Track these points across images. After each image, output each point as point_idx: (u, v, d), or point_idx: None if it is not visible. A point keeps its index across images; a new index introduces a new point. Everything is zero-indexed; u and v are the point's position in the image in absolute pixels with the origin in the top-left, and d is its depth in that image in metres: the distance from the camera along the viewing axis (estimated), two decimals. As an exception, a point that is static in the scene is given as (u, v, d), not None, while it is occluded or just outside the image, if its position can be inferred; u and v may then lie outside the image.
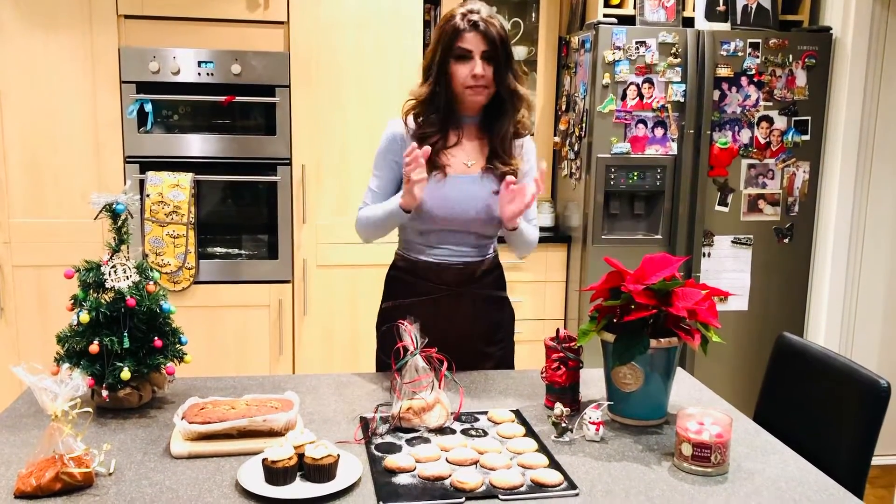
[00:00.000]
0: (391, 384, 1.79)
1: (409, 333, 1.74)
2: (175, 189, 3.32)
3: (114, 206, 1.75)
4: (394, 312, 2.13)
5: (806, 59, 3.54)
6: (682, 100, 3.49)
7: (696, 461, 1.52)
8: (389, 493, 1.41)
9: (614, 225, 3.61)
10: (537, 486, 1.45)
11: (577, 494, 1.43)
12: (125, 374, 1.70)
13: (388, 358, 2.14)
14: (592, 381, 1.97)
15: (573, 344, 1.82)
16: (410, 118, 2.07)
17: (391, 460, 1.51)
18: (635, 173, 3.52)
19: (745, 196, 3.62)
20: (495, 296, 2.17)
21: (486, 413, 1.79)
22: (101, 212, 1.76)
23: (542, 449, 1.61)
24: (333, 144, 3.49)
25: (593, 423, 1.66)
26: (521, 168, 2.08)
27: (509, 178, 1.96)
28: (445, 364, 1.76)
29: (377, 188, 2.10)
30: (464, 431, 1.68)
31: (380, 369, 2.17)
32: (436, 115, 2.03)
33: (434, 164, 2.02)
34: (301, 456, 1.43)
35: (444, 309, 2.08)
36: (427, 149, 1.91)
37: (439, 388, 1.74)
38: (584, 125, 3.56)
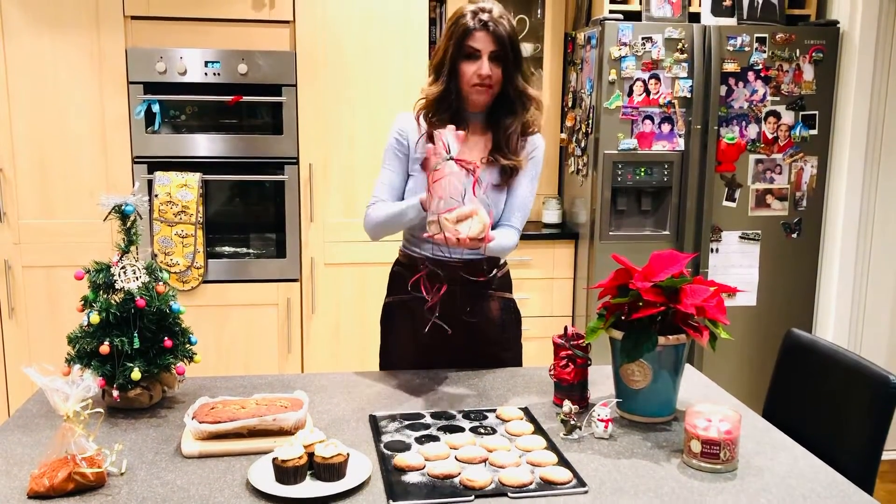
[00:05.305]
0: (426, 187, 1.68)
1: (442, 139, 1.62)
2: (183, 189, 3.33)
3: (123, 207, 1.76)
4: (396, 308, 2.13)
5: (813, 54, 3.53)
6: (688, 95, 3.48)
7: (705, 458, 1.53)
8: (399, 491, 1.41)
9: (621, 221, 3.61)
10: (546, 484, 1.45)
11: (586, 492, 1.43)
12: (135, 374, 1.71)
13: (390, 347, 2.14)
14: (601, 379, 1.97)
15: (581, 341, 1.82)
16: (422, 117, 2.05)
17: (401, 458, 1.52)
18: (642, 169, 3.51)
19: (753, 191, 3.61)
20: (498, 296, 2.14)
21: (494, 411, 1.79)
22: (110, 213, 1.77)
23: (551, 446, 1.61)
24: (340, 143, 3.49)
25: (602, 421, 1.67)
26: (524, 166, 2.06)
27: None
28: (478, 171, 1.72)
29: (387, 181, 2.06)
30: (472, 429, 1.69)
31: (383, 368, 2.17)
32: (447, 114, 2.01)
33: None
34: (311, 455, 1.44)
35: (446, 306, 2.06)
36: (461, 134, 1.81)
37: (473, 194, 1.65)
38: (590, 121, 3.55)
